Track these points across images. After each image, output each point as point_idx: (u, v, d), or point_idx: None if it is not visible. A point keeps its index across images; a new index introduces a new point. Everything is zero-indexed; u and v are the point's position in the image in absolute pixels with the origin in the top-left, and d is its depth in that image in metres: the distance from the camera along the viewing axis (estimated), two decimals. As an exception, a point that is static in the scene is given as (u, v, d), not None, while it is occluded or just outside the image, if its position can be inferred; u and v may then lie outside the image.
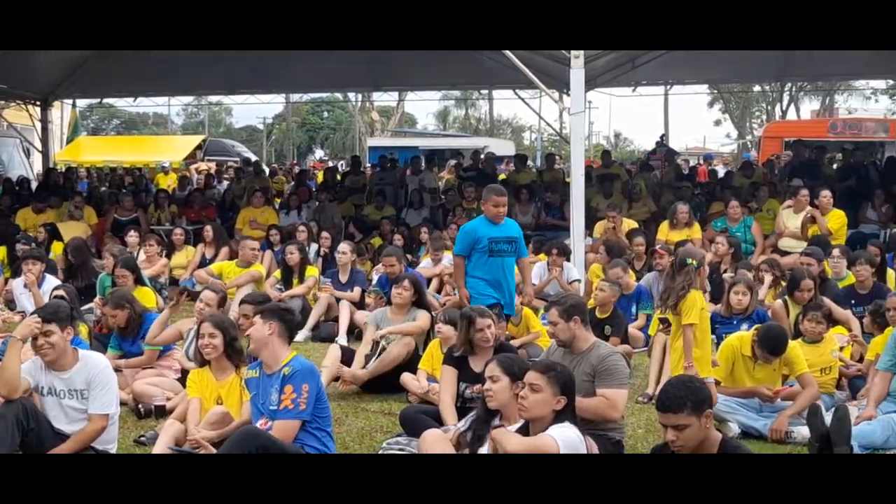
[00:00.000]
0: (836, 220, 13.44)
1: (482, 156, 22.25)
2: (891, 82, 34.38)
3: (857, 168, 18.62)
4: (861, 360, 8.45)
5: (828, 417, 6.70)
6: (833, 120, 33.80)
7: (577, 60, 11.37)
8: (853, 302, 9.86)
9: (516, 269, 9.26)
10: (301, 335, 10.80)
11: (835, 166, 20.99)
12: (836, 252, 11.03)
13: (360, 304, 11.41)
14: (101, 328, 9.29)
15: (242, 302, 8.13)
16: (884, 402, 7.12)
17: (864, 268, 10.02)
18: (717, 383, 7.30)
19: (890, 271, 11.14)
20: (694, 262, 6.93)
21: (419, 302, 8.94)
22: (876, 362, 7.48)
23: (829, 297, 9.62)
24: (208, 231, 14.61)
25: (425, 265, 13.16)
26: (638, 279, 11.60)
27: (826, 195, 13.58)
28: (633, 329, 10.21)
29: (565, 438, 5.05)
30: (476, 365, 6.93)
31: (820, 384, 7.50)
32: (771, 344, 7.24)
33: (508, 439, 5.17)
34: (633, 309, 10.61)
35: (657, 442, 5.53)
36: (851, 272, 10.37)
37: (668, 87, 27.35)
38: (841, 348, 8.44)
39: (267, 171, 25.95)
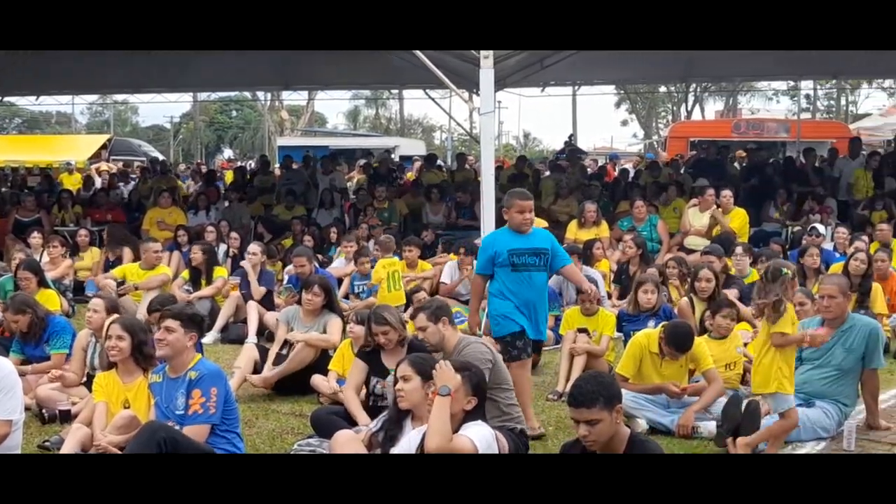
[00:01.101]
0: (738, 219, 13.73)
1: (390, 156, 22.26)
2: (791, 83, 35.15)
3: (760, 167, 19.05)
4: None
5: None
6: (736, 120, 34.59)
7: (487, 60, 11.40)
8: (757, 298, 10.05)
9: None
10: (210, 337, 10.66)
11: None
12: (738, 250, 11.28)
13: (269, 305, 11.29)
14: (3, 332, 9.06)
15: (155, 309, 7.94)
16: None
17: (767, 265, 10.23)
18: (625, 380, 7.41)
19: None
20: (788, 273, 6.82)
21: (330, 305, 8.88)
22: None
23: (735, 293, 9.83)
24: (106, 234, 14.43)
25: (337, 265, 13.10)
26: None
27: (727, 194, 13.89)
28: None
29: (481, 437, 5.06)
30: (387, 360, 6.97)
31: (725, 379, 7.64)
32: (678, 341, 7.36)
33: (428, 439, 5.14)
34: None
35: (567, 439, 5.58)
36: (755, 269, 10.61)
37: (576, 87, 27.62)
38: (745, 344, 8.60)
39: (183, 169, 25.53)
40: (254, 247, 11.99)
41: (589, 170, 22.87)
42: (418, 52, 11.67)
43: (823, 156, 20.22)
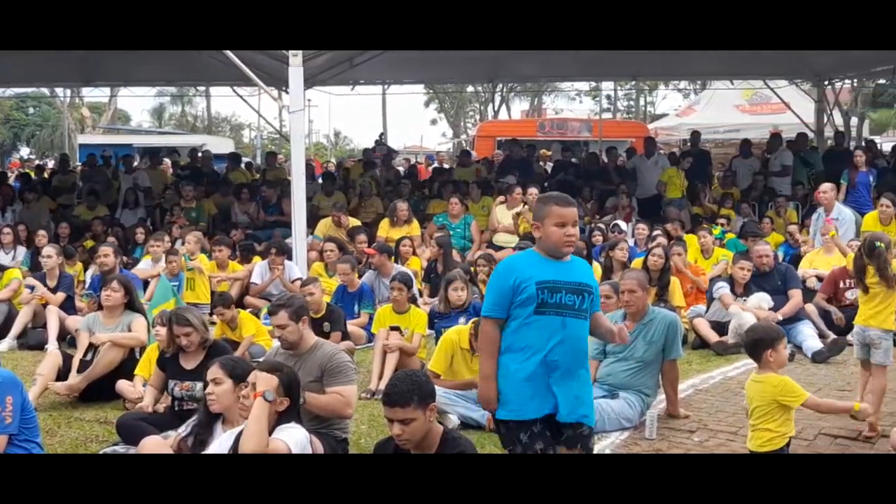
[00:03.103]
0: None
1: (200, 154, 21.82)
2: (593, 84, 36.32)
3: (566, 166, 19.60)
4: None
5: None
6: (541, 120, 35.45)
7: (296, 59, 11.33)
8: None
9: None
10: (5, 344, 10.21)
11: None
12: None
13: (69, 308, 10.87)
14: None
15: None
16: (593, 387, 7.51)
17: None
18: (437, 376, 7.48)
19: (595, 264, 11.78)
20: (882, 245, 7.12)
21: (131, 304, 8.61)
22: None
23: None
24: None
25: (143, 266, 12.75)
26: (359, 276, 11.76)
27: (533, 192, 14.23)
28: (354, 326, 10.28)
29: (296, 441, 5.01)
30: (186, 362, 6.88)
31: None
32: (487, 337, 7.44)
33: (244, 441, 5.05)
34: (356, 308, 10.67)
35: (381, 438, 5.59)
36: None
37: (386, 86, 27.72)
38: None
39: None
40: (49, 249, 11.45)
41: (400, 168, 23.03)
42: (226, 50, 11.49)
43: (623, 156, 20.97)
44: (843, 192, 14.43)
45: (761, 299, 10.01)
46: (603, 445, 6.90)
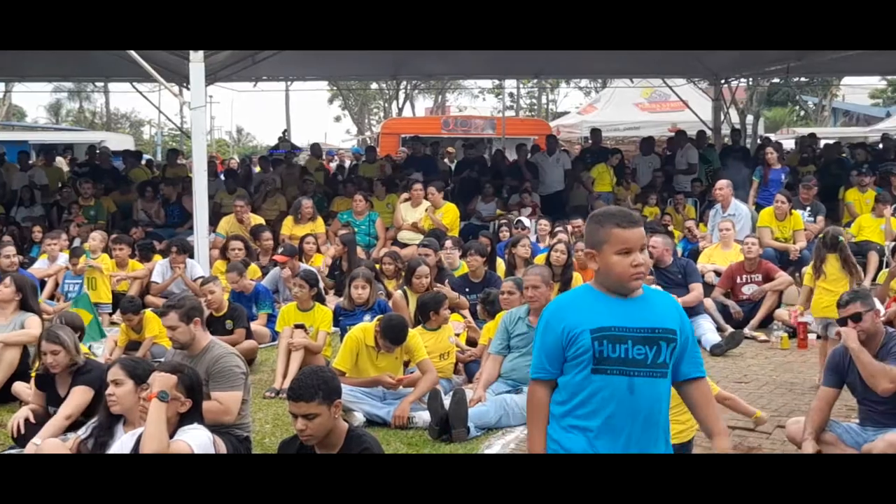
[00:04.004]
0: (449, 214, 14.16)
1: (98, 150, 21.41)
2: (496, 82, 36.55)
3: (470, 163, 19.71)
4: (475, 345, 8.98)
5: (447, 401, 7.05)
6: (445, 117, 35.56)
7: (197, 55, 11.20)
8: (467, 290, 10.44)
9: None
10: None
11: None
12: (448, 243, 11.66)
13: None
14: None
15: None
16: (497, 382, 7.58)
17: (476, 258, 10.65)
18: (342, 374, 7.47)
19: (499, 260, 11.88)
20: (843, 239, 8.99)
21: (25, 303, 8.38)
22: (488, 347, 7.98)
23: (445, 285, 10.17)
24: None
25: (40, 266, 12.48)
26: (264, 275, 11.69)
27: (433, 190, 14.31)
28: (258, 325, 10.20)
29: (199, 443, 4.96)
30: (61, 387, 6.63)
31: (439, 369, 7.87)
32: (392, 334, 7.50)
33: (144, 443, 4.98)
34: (254, 309, 10.54)
35: (285, 436, 5.57)
36: (465, 262, 10.99)
37: (289, 82, 27.50)
38: (457, 335, 8.90)
39: None
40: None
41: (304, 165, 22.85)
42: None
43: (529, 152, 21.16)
44: (756, 189, 14.85)
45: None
46: (508, 440, 6.98)
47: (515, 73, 25.82)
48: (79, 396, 6.33)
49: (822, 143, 21.80)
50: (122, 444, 5.20)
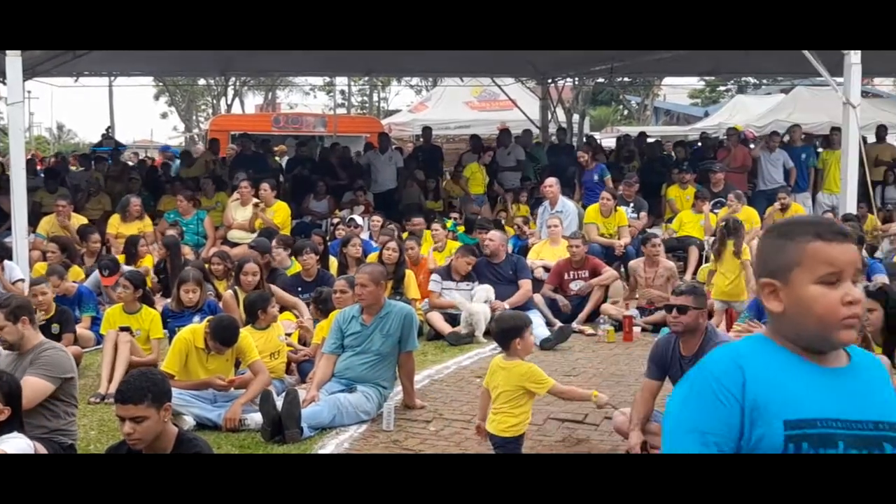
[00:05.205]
0: (281, 213, 14.03)
1: None
2: (327, 79, 36.44)
3: (302, 160, 19.57)
4: (307, 344, 8.93)
5: (280, 402, 6.98)
6: (276, 114, 35.23)
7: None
8: (300, 289, 10.36)
9: None
10: None
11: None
12: (273, 243, 11.57)
13: None
14: None
15: None
16: (330, 382, 7.53)
17: (310, 256, 10.58)
18: (171, 377, 7.29)
19: (332, 259, 11.83)
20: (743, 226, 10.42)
21: None
22: (321, 346, 7.93)
23: (278, 285, 10.08)
24: None
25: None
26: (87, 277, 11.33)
27: (265, 188, 14.17)
28: (82, 329, 9.86)
29: (16, 449, 4.78)
30: None
31: (270, 369, 7.77)
32: (223, 335, 7.37)
33: None
34: (77, 312, 10.18)
35: (112, 443, 5.40)
36: (297, 261, 10.91)
37: (113, 78, 26.64)
38: (288, 334, 8.81)
39: None
40: None
41: (130, 163, 22.32)
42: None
43: (360, 150, 21.19)
44: (580, 192, 15.36)
45: (487, 291, 10.43)
46: (342, 439, 6.95)
47: (347, 71, 25.82)
48: None
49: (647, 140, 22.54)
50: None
